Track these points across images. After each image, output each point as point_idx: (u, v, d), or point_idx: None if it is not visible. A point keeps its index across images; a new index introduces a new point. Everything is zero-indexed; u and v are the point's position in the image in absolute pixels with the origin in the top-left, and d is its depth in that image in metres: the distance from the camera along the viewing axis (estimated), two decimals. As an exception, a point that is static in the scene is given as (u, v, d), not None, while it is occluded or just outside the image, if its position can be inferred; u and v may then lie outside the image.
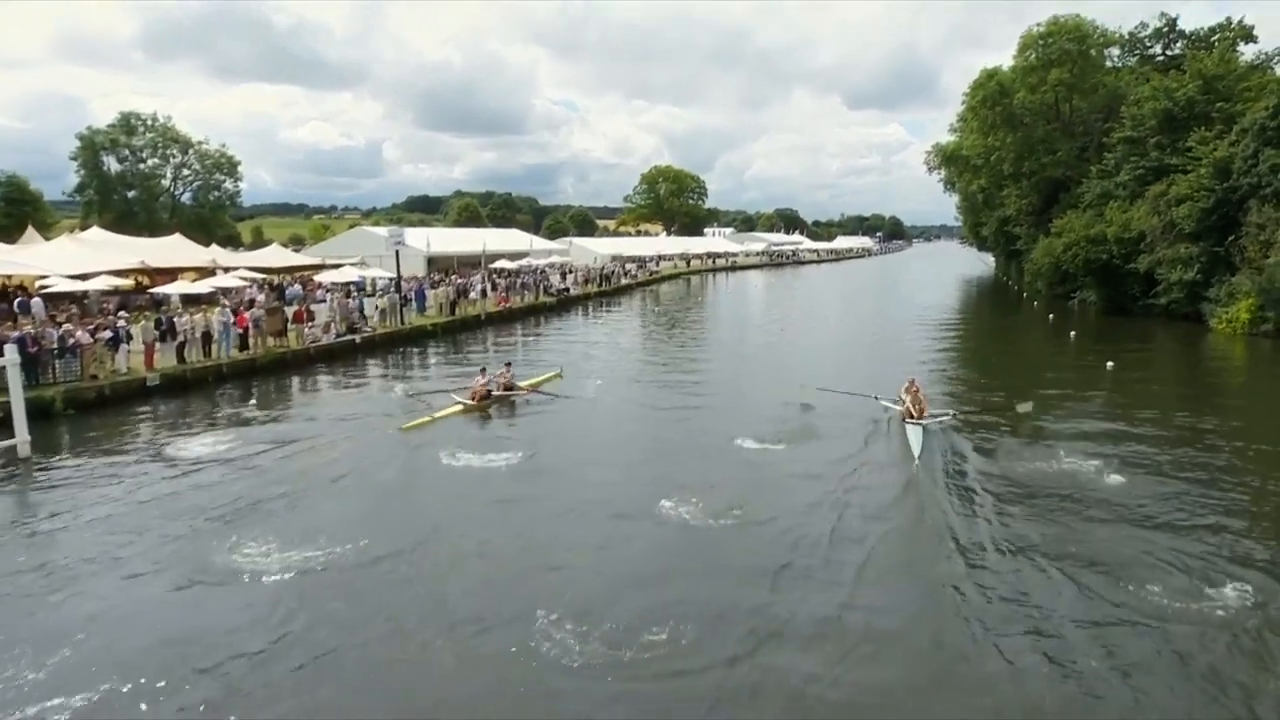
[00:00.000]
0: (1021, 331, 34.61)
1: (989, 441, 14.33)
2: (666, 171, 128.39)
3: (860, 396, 16.87)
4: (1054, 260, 38.78)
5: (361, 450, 14.38)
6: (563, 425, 16.25)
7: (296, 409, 18.20)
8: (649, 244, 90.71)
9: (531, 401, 17.92)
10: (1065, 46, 41.75)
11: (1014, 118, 45.50)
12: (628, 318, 38.77)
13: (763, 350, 27.76)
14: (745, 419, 15.98)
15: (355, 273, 38.74)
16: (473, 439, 14.84)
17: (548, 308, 40.28)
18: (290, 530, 10.33)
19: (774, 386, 19.11)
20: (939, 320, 37.43)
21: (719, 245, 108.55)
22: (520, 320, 36.18)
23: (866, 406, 16.41)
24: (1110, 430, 15.19)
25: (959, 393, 18.93)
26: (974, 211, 69.08)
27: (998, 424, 15.59)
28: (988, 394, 18.60)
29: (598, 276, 52.55)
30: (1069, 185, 42.96)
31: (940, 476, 12.41)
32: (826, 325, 36.00)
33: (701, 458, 13.69)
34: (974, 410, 16.75)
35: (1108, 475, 12.27)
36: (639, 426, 16.41)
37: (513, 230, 79.39)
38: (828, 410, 16.64)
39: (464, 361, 24.60)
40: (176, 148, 66.51)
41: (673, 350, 27.31)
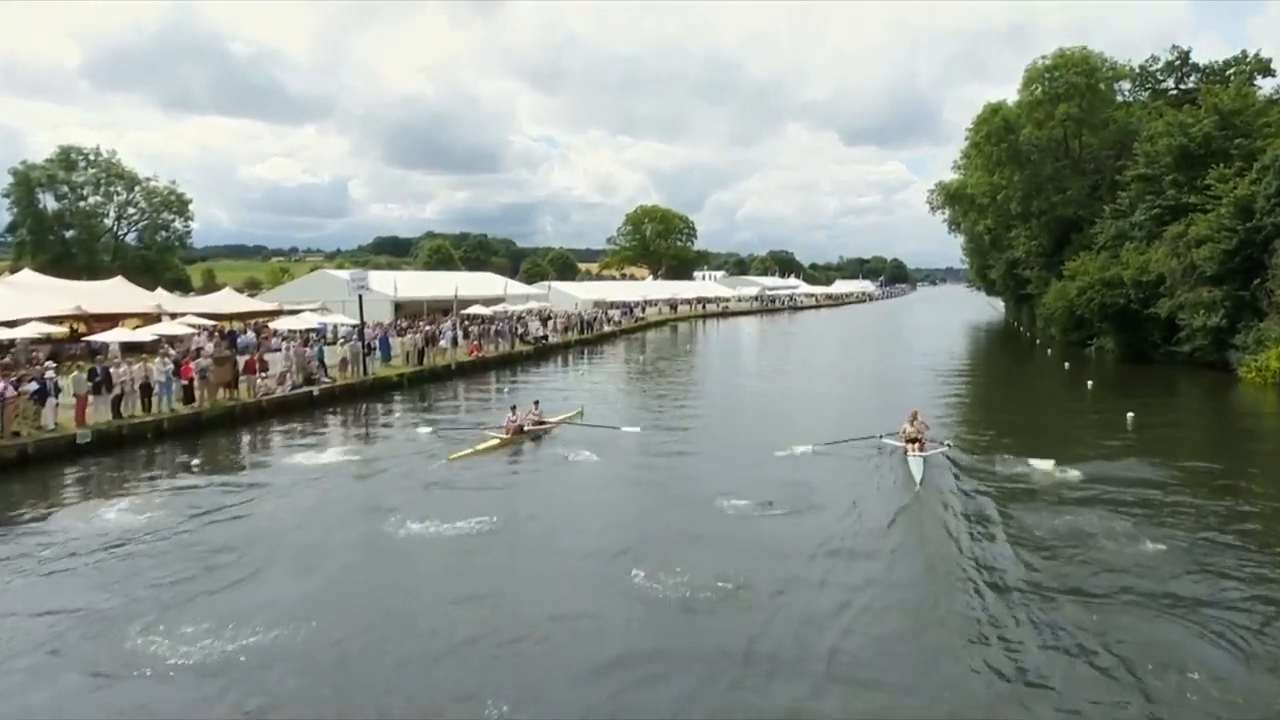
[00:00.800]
0: (1035, 380, 34.74)
1: (996, 486, 14.35)
2: (653, 211, 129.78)
3: (862, 440, 18.01)
4: (1067, 305, 39.18)
5: (314, 515, 14.01)
6: (538, 483, 16.13)
7: (246, 468, 17.85)
8: (634, 288, 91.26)
9: (556, 436, 19.96)
10: (1073, 80, 42.87)
11: (1021, 154, 46.39)
12: (611, 367, 38.65)
13: (757, 400, 27.65)
14: (734, 476, 15.98)
15: (315, 319, 38.49)
16: (447, 500, 14.52)
17: (524, 357, 40.08)
18: (231, 609, 9.92)
19: (767, 440, 19.05)
20: (946, 368, 37.59)
21: (710, 290, 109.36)
22: (495, 370, 35.93)
23: (866, 461, 16.63)
24: (1131, 483, 15.09)
25: (969, 444, 18.82)
26: (981, 253, 70.12)
27: (1011, 473, 15.70)
28: (1000, 447, 18.39)
29: (579, 323, 52.50)
30: (1081, 225, 43.65)
31: (941, 508, 12.98)
32: (825, 374, 36.01)
33: (684, 520, 13.45)
34: (981, 456, 17.07)
35: (1132, 531, 12.20)
36: (620, 484, 16.16)
37: (487, 274, 79.64)
38: (824, 462, 16.62)
39: (432, 416, 24.32)
40: (121, 184, 66.35)
41: (660, 402, 27.14)
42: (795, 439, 18.36)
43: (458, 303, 49.56)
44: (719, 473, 16.61)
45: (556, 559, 11.87)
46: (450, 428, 21.59)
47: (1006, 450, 17.89)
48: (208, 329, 34.25)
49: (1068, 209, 44.70)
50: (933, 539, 12.38)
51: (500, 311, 50.24)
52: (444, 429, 21.58)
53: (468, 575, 11.22)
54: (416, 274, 76.58)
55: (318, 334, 35.19)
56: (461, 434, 20.39)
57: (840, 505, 14.04)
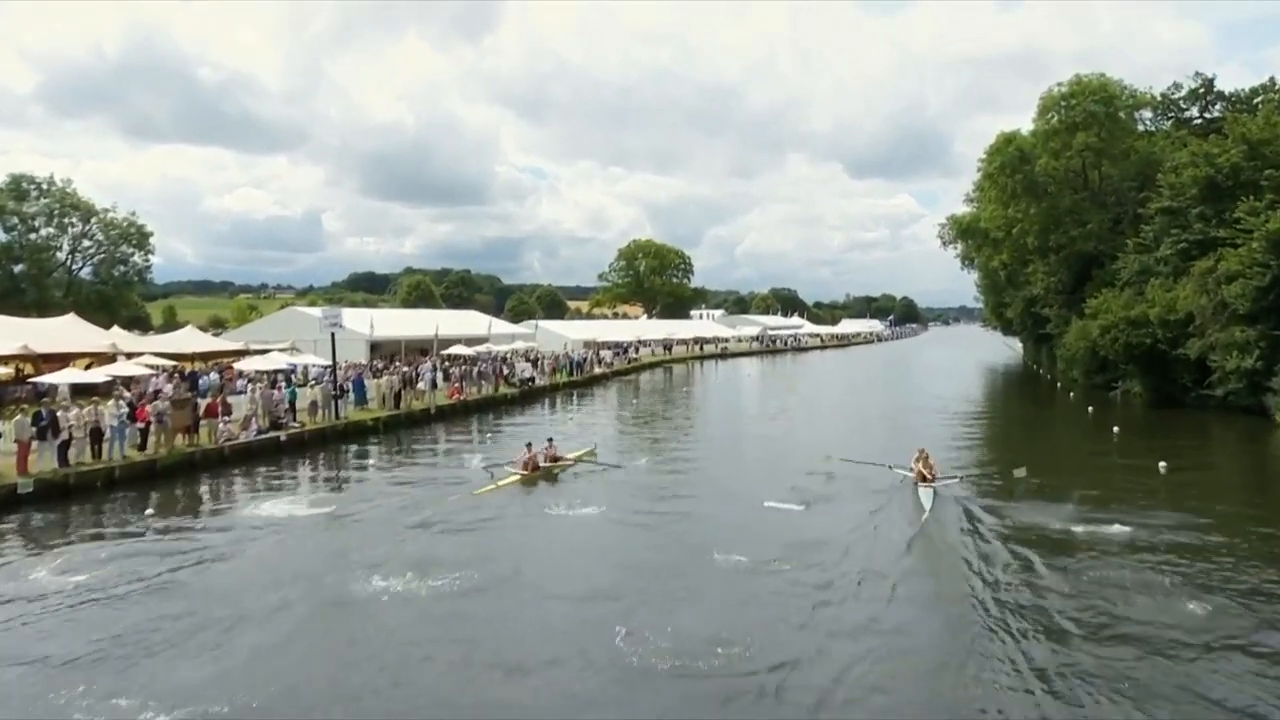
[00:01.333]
0: (1056, 425, 34.58)
1: (1016, 532, 14.10)
2: (647, 246, 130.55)
3: (873, 465, 20.56)
4: (1090, 345, 39.19)
5: (276, 570, 13.62)
6: (524, 530, 15.86)
7: (203, 520, 17.46)
8: (627, 328, 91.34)
9: (580, 473, 21.46)
10: (1090, 108, 43.46)
11: (1037, 186, 46.82)
12: (603, 411, 38.33)
13: (757, 446, 27.36)
14: (730, 525, 16.14)
15: (284, 359, 38.30)
16: (421, 551, 14.21)
17: (509, 400, 39.95)
18: (177, 678, 9.55)
19: (765, 488, 19.10)
20: (960, 411, 37.52)
21: (708, 329, 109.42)
22: (477, 414, 35.72)
23: (866, 505, 17.20)
24: (1164, 530, 15.05)
25: (984, 488, 18.82)
26: (996, 290, 70.49)
27: (1033, 521, 15.63)
28: (1018, 493, 18.36)
29: (568, 364, 52.33)
30: (1102, 261, 43.88)
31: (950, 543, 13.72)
32: (830, 417, 35.71)
33: (675, 573, 13.21)
34: (998, 500, 17.28)
35: (1168, 585, 12.18)
36: (610, 536, 15.85)
37: (470, 312, 79.64)
38: (820, 512, 16.79)
39: (408, 463, 24.05)
40: (76, 215, 65.85)
41: (654, 449, 26.80)
42: (794, 487, 19.17)
43: (438, 342, 49.45)
44: (715, 520, 16.73)
45: (535, 621, 11.49)
46: (427, 483, 21.20)
47: (1027, 496, 17.98)
48: (166, 370, 33.92)
49: (1088, 243, 44.97)
50: (947, 577, 12.25)
51: (484, 352, 50.06)
52: (420, 483, 21.25)
53: (437, 638, 10.85)
54: (394, 312, 76.55)
55: (286, 375, 34.90)
56: (438, 488, 20.15)
57: (839, 554, 13.91)
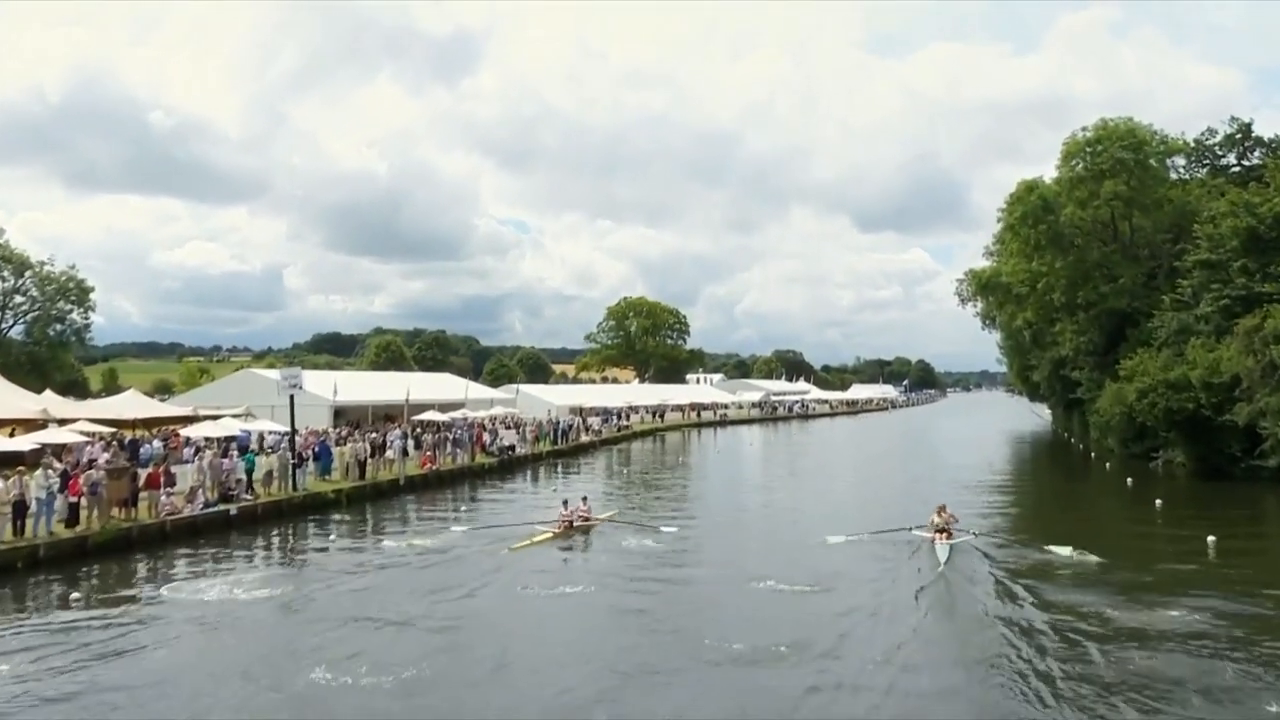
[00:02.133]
0: (1092, 498, 34.26)
1: (1050, 613, 13.82)
2: (639, 304, 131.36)
3: (890, 532, 22.18)
4: (1125, 410, 39.06)
5: (219, 663, 13.20)
6: (500, 622, 15.42)
7: (138, 604, 16.98)
8: (617, 393, 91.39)
9: (605, 532, 23.83)
10: (1119, 155, 44.03)
11: (1062, 238, 47.20)
12: (590, 484, 37.83)
13: (760, 520, 27.01)
14: (729, 609, 16.14)
15: (237, 425, 37.95)
16: (385, 640, 13.81)
17: (488, 470, 39.91)
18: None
19: (771, 569, 19.01)
20: (984, 482, 37.34)
21: (705, 394, 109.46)
22: (451, 486, 35.63)
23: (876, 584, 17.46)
24: (1216, 618, 14.76)
25: (1016, 570, 18.51)
26: (1021, 352, 70.82)
27: (1071, 601, 15.38)
28: (1051, 575, 18.15)
29: (552, 432, 52.24)
30: (1137, 319, 44.07)
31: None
32: (842, 489, 35.39)
33: (661, 669, 12.85)
34: (1028, 579, 17.25)
35: (1230, 682, 11.84)
36: (595, 621, 15.53)
37: (445, 375, 79.67)
38: (815, 598, 16.60)
39: (374, 537, 23.68)
40: (9, 269, 65.87)
41: (647, 526, 26.25)
42: (800, 564, 19.55)
43: (408, 407, 49.28)
44: (710, 602, 16.56)
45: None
46: (396, 563, 20.82)
47: (1062, 572, 18.10)
48: (104, 437, 33.49)
49: (1120, 300, 45.19)
50: (970, 673, 11.82)
51: (460, 418, 50.05)
52: (387, 562, 20.88)
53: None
54: (360, 374, 76.47)
55: (239, 444, 34.55)
56: (410, 571, 19.84)
57: (838, 642, 13.55)
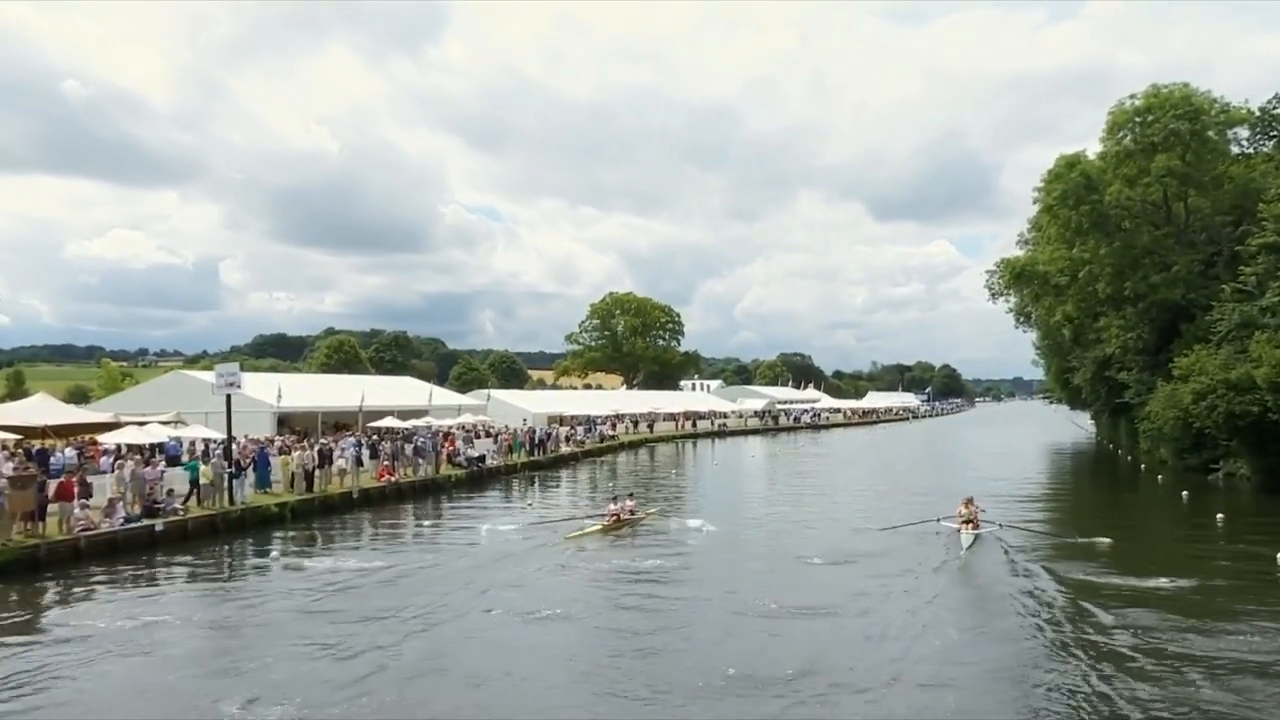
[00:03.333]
0: (1143, 513, 34.24)
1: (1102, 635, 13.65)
2: (626, 301, 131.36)
3: (917, 524, 26.32)
4: (1180, 415, 38.90)
5: (133, 704, 12.99)
6: (472, 656, 15.23)
7: (40, 633, 16.78)
8: (601, 399, 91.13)
9: (651, 527, 28.14)
10: (1172, 126, 43.83)
11: (1108, 220, 46.99)
12: (568, 500, 37.43)
13: (767, 549, 26.70)
14: (734, 635, 16.21)
15: (166, 433, 37.71)
16: (322, 671, 13.42)
17: (454, 483, 40.10)
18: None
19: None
20: (1019, 494, 37.43)
21: (701, 402, 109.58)
22: (413, 500, 35.69)
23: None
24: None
25: (1064, 588, 18.54)
26: (1060, 352, 70.75)
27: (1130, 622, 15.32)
28: (1105, 593, 18.18)
29: (527, 442, 52.18)
30: (1192, 312, 44.01)
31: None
32: (863, 506, 35.12)
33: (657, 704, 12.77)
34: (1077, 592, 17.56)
35: None
36: (585, 651, 15.31)
37: (406, 379, 79.61)
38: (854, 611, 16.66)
39: (322, 556, 23.41)
40: (-106, 263, 65.63)
41: (632, 552, 25.54)
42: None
43: (364, 414, 49.25)
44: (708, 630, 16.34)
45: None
46: (346, 585, 20.52)
47: (1114, 592, 18.18)
48: (6, 445, 33.24)
49: (1173, 291, 45.01)
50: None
51: (423, 426, 50.36)
52: (337, 584, 20.61)
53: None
54: (309, 377, 76.18)
55: (168, 452, 34.31)
56: (360, 595, 19.73)
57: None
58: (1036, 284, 53.64)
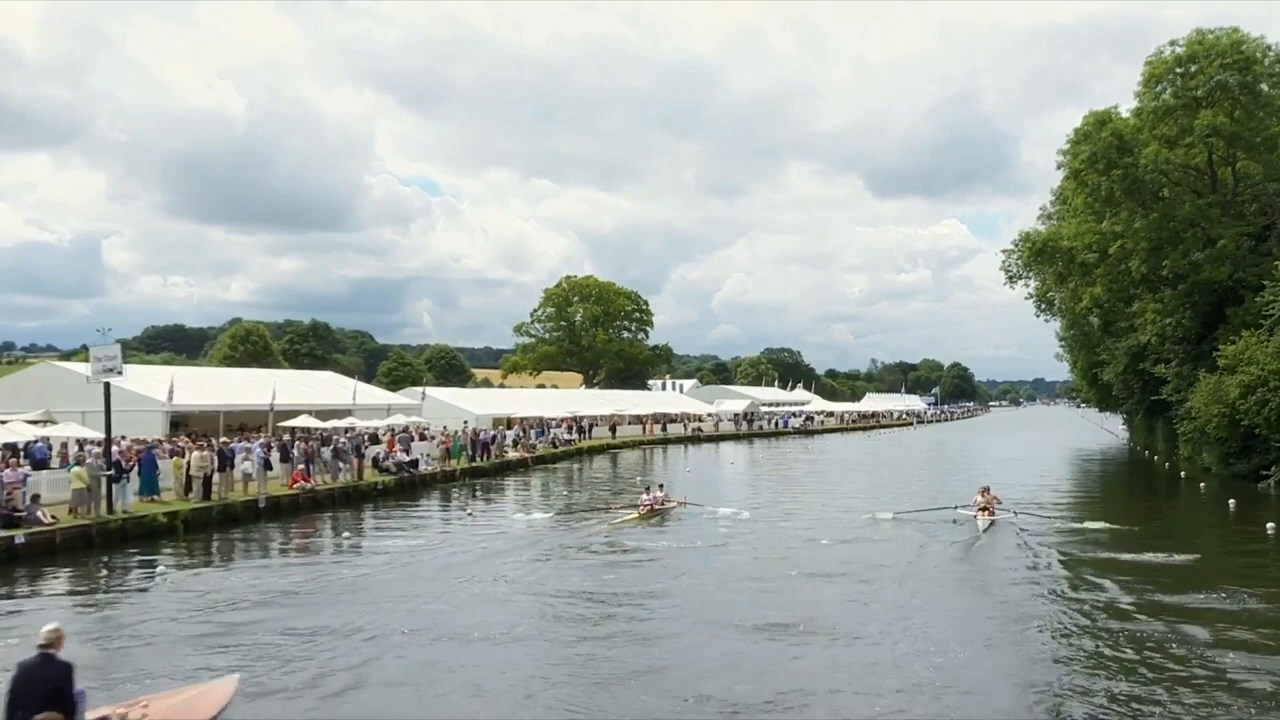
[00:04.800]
0: (1182, 523, 34.46)
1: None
2: (585, 286, 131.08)
3: (936, 510, 31.68)
4: (1225, 411, 39.05)
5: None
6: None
7: None
8: (556, 400, 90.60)
9: (682, 516, 33.59)
10: (1219, 78, 43.80)
11: (1143, 187, 46.85)
12: (514, 514, 36.63)
13: (742, 591, 26.56)
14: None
15: (32, 432, 37.25)
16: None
17: (380, 491, 40.15)
18: None
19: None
20: (1042, 503, 37.47)
21: (673, 403, 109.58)
22: (331, 510, 35.57)
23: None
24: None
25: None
26: (1087, 344, 71.07)
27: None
28: (1148, 617, 18.15)
29: (469, 446, 51.97)
30: (1240, 294, 44.21)
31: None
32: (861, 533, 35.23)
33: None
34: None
35: None
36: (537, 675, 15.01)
37: (326, 374, 78.98)
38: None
39: (219, 575, 22.97)
40: None
41: (587, 583, 24.42)
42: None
43: (275, 414, 48.95)
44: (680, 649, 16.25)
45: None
46: (255, 602, 20.14)
47: (1155, 610, 18.26)
48: None
49: (1219, 269, 45.08)
50: None
51: (346, 428, 50.54)
52: (238, 600, 20.19)
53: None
54: (210, 371, 75.51)
55: (35, 454, 33.82)
56: (271, 627, 19.41)
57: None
58: (1060, 262, 53.46)
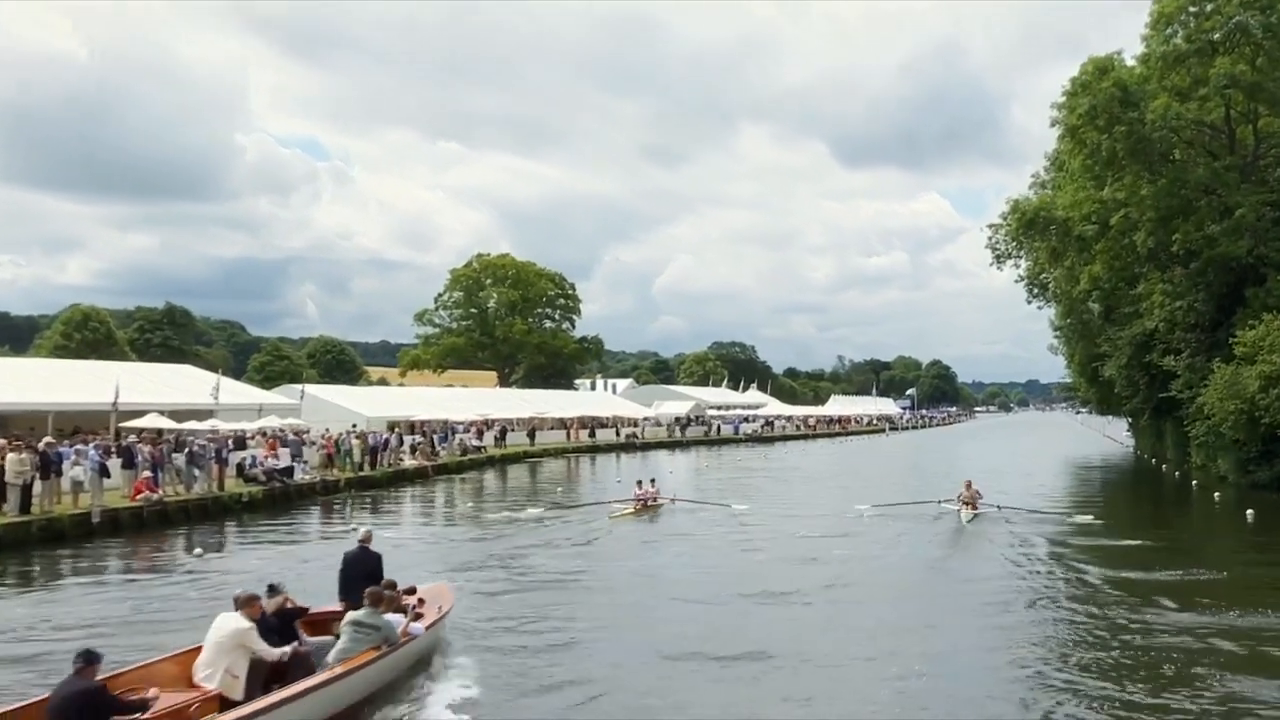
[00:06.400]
0: (1195, 535, 35.05)
1: None
2: (500, 266, 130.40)
3: (919, 504, 37.87)
4: (1243, 408, 39.36)
5: None
6: None
7: None
8: (465, 401, 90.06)
9: (675, 511, 40.02)
10: (1238, 18, 43.91)
11: (1150, 147, 46.86)
12: (410, 533, 36.43)
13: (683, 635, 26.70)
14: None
15: None
16: None
17: (244, 505, 39.94)
18: None
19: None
20: (1041, 515, 37.37)
21: (604, 405, 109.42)
22: (184, 526, 35.25)
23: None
24: None
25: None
26: (1086, 334, 71.66)
27: None
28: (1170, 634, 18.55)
29: (356, 452, 51.98)
30: (1262, 272, 44.72)
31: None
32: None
33: None
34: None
35: None
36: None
37: (183, 368, 77.81)
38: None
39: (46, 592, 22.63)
40: None
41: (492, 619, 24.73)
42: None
43: (118, 413, 48.16)
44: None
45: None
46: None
47: (1176, 631, 18.67)
48: None
49: (1237, 243, 45.32)
50: None
51: (206, 430, 49.59)
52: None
53: None
54: (36, 363, 74.32)
55: None
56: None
57: None
58: (1055, 236, 53.75)
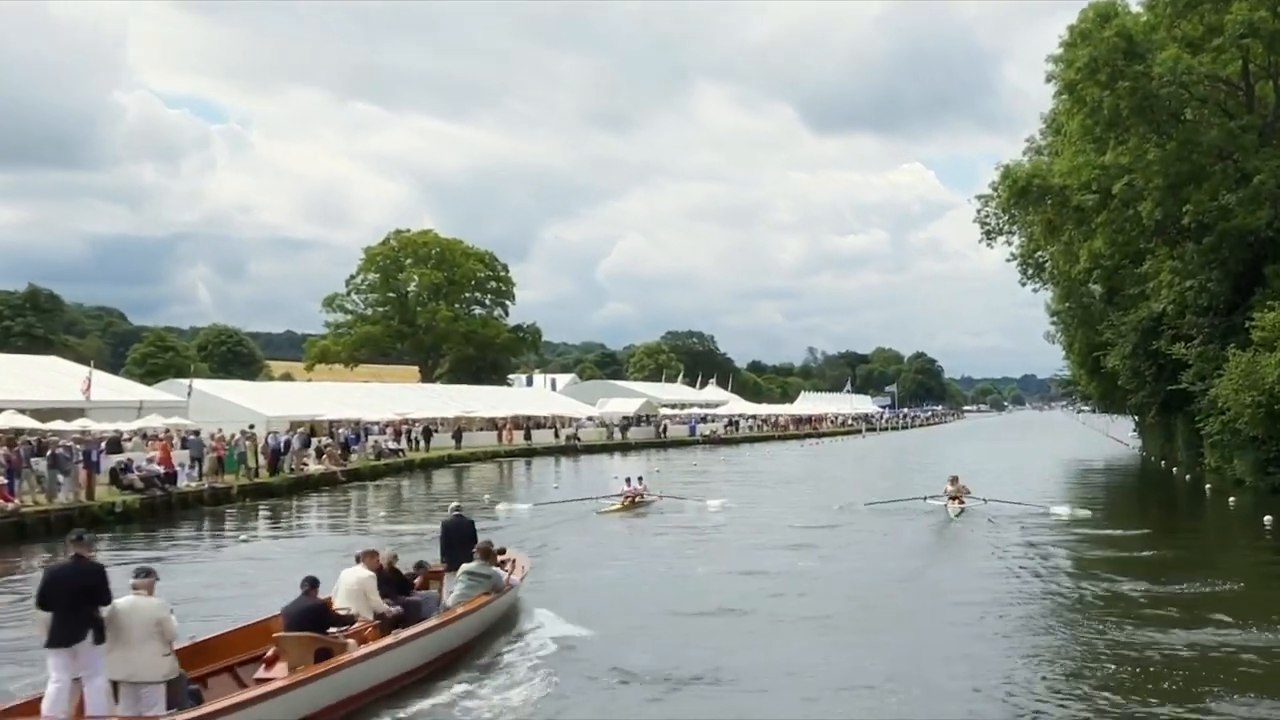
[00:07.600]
0: (1204, 542, 35.46)
1: None
2: (422, 244, 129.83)
3: (906, 500, 42.42)
4: (1261, 400, 39.47)
5: None
6: None
7: None
8: (381, 399, 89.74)
9: (663, 510, 44.58)
10: (1255, -39, 44.48)
11: (1157, 105, 46.78)
12: (314, 548, 36.19)
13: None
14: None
15: None
16: None
17: (119, 515, 39.62)
18: None
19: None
20: (1035, 526, 37.53)
21: (542, 403, 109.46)
22: (44, 540, 35.02)
23: None
24: None
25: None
26: (1087, 319, 71.88)
27: None
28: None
29: (251, 456, 51.99)
30: (1283, 247, 45.01)
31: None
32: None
33: None
34: None
35: None
36: None
37: (48, 359, 77.50)
38: None
39: None
40: None
41: None
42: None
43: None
44: None
45: None
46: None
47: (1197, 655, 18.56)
48: None
49: (1256, 214, 45.30)
50: None
51: (74, 430, 49.99)
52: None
53: None
54: None
55: None
56: None
57: None
58: (1051, 207, 53.70)
